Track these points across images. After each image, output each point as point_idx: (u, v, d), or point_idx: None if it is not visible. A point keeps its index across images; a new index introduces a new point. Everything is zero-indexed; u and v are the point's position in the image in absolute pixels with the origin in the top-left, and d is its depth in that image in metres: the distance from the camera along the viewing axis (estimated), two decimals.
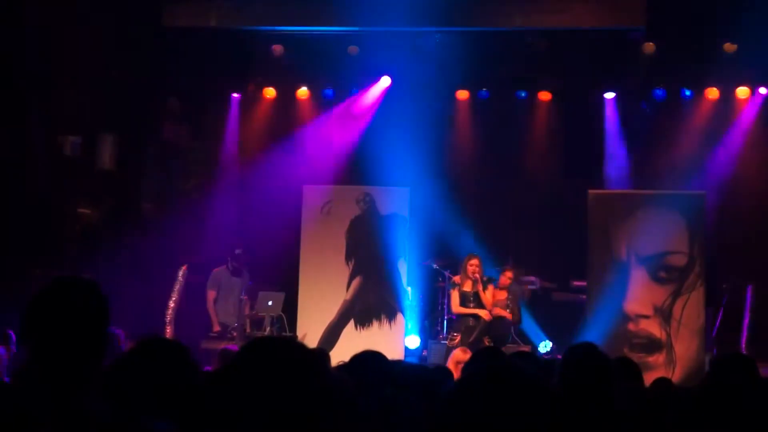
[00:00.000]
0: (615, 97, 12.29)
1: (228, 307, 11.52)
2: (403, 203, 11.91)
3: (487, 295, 10.93)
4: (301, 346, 2.16)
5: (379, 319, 11.78)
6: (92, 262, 10.59)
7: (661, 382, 5.47)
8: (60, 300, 2.54)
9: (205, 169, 12.78)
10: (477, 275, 10.89)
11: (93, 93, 10.84)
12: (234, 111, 12.69)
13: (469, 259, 10.97)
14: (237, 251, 11.53)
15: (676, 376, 10.44)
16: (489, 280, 11.04)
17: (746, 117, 12.08)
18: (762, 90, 11.98)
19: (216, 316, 11.54)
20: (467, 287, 10.94)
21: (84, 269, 9.89)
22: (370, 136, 12.76)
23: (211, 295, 11.60)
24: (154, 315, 11.17)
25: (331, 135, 12.78)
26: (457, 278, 11.09)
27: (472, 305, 10.90)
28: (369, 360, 4.17)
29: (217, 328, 11.42)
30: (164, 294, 11.25)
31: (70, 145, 10.95)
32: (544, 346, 11.34)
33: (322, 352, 5.29)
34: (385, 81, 12.59)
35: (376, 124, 12.77)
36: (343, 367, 4.20)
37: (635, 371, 5.22)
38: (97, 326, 2.56)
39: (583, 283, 11.60)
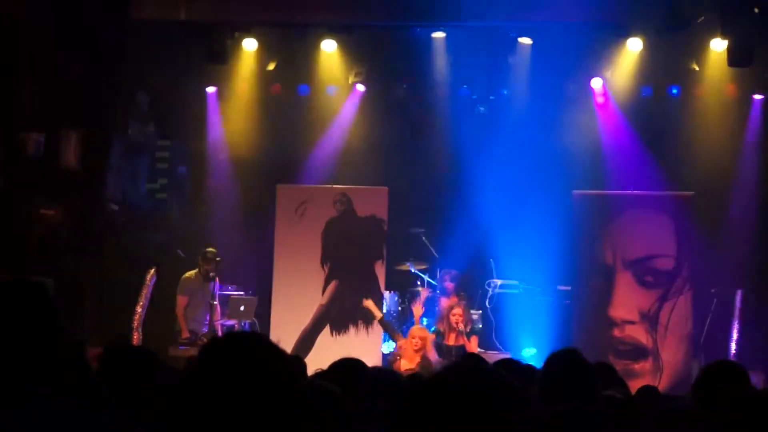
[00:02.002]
0: (599, 94, 12.34)
1: (199, 314, 11.44)
2: (382, 204, 11.93)
3: (473, 345, 10.45)
4: (268, 342, 2.15)
5: (355, 324, 11.80)
6: (55, 265, 10.54)
7: (647, 390, 5.51)
8: (8, 304, 2.54)
9: (173, 168, 12.73)
10: (461, 324, 10.39)
11: (56, 89, 10.78)
12: (204, 108, 12.65)
13: (452, 309, 10.45)
14: (209, 255, 11.34)
15: (662, 383, 10.53)
16: (472, 331, 10.70)
17: (735, 115, 12.17)
18: (757, 96, 12.06)
19: (185, 322, 11.41)
20: (451, 341, 10.40)
21: (46, 272, 9.84)
22: (347, 134, 12.78)
23: (182, 301, 11.39)
24: (120, 320, 11.12)
25: (306, 132, 12.76)
26: (440, 326, 10.54)
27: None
28: (348, 368, 4.21)
29: (186, 334, 11.33)
30: (131, 299, 11.19)
31: (32, 144, 10.87)
32: (528, 352, 11.40)
33: (297, 360, 5.32)
34: (360, 87, 12.60)
35: (353, 121, 12.78)
36: (321, 374, 4.23)
37: (613, 376, 5.26)
38: (42, 330, 2.55)
39: (568, 288, 11.66)
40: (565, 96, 12.36)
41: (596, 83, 12.21)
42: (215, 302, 11.26)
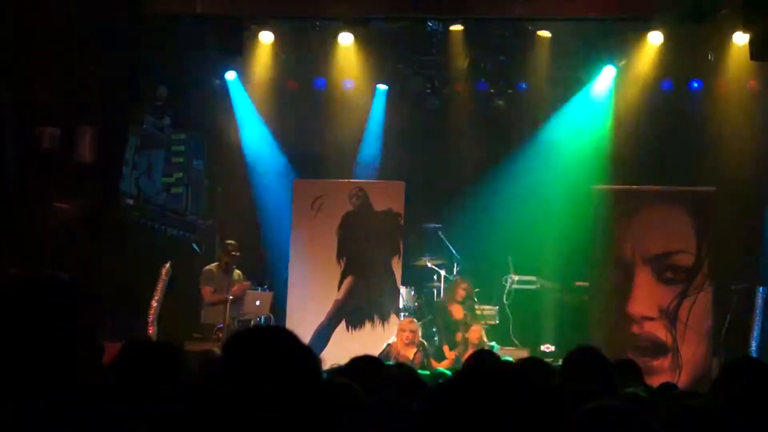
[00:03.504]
0: (618, 88, 12.33)
1: (216, 307, 11.52)
2: (398, 198, 11.97)
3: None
4: (292, 337, 2.18)
5: (371, 320, 11.86)
6: (69, 259, 10.63)
7: (666, 387, 5.57)
8: (29, 300, 2.56)
9: (188, 162, 12.81)
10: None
11: (71, 83, 10.86)
12: (219, 101, 12.72)
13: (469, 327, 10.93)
14: (230, 248, 11.44)
15: (681, 380, 10.55)
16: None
17: (758, 110, 12.15)
18: None
19: (206, 314, 11.46)
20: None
21: (60, 267, 9.94)
22: (364, 128, 12.83)
23: (207, 290, 11.43)
24: (137, 314, 11.22)
25: (323, 126, 12.82)
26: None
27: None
28: (366, 365, 4.27)
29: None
30: (147, 293, 11.29)
31: (48, 138, 10.97)
32: (546, 349, 11.43)
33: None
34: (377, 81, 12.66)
35: (371, 114, 12.83)
36: (339, 371, 4.30)
37: (636, 374, 5.31)
38: (69, 326, 2.58)
39: (586, 284, 11.69)
40: (585, 89, 12.37)
41: (616, 77, 12.20)
42: (230, 296, 11.33)
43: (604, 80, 12.25)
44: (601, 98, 12.33)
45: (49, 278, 2.67)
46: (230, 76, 12.53)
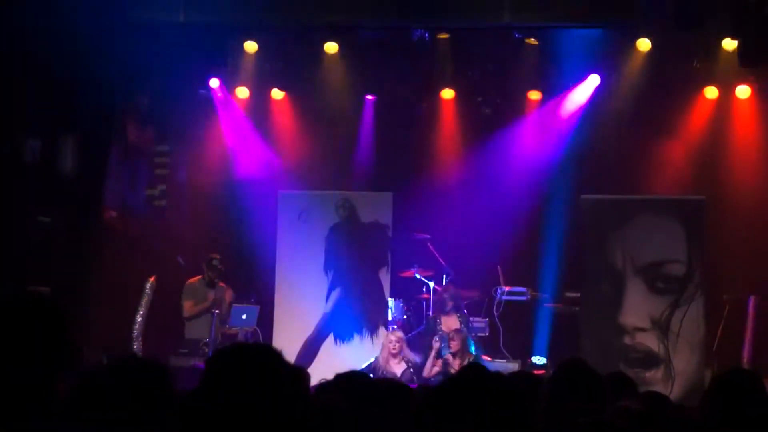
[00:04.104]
0: (605, 96, 12.33)
1: (201, 321, 11.49)
2: (386, 209, 11.96)
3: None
4: (275, 353, 2.16)
5: (360, 332, 11.84)
6: (51, 273, 10.57)
7: (656, 399, 5.52)
8: (10, 317, 2.54)
9: (172, 173, 12.76)
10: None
11: (53, 93, 10.81)
12: (204, 112, 12.67)
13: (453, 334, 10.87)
14: (215, 262, 11.45)
15: (674, 392, 10.53)
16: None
17: (748, 117, 12.18)
18: None
19: (189, 329, 11.47)
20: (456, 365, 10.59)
21: (42, 281, 9.88)
22: (350, 138, 12.79)
23: (188, 305, 11.50)
24: (120, 330, 11.15)
25: (308, 137, 12.78)
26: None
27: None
28: (353, 380, 4.23)
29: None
30: (130, 307, 11.23)
31: (28, 149, 10.90)
32: (538, 361, 11.41)
33: (301, 371, 5.35)
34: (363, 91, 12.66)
35: (357, 124, 12.80)
36: (326, 386, 4.27)
37: (630, 387, 5.27)
38: (53, 343, 2.56)
39: (577, 294, 11.67)
40: (572, 97, 12.38)
41: (603, 84, 12.21)
42: (216, 310, 11.29)
43: (590, 88, 12.25)
44: (588, 106, 12.33)
45: (31, 296, 2.65)
46: (214, 85, 12.47)
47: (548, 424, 3.50)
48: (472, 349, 10.92)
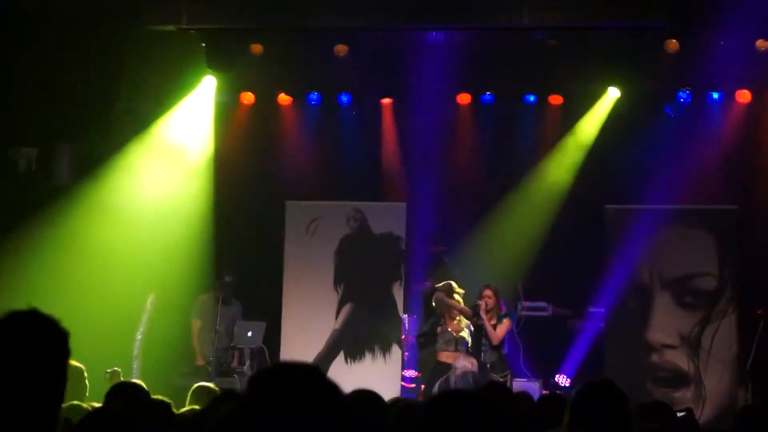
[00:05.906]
0: (634, 101, 12.19)
1: (209, 337, 11.45)
2: (399, 220, 11.89)
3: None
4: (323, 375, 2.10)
5: (372, 351, 11.78)
6: None
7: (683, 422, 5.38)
8: (14, 336, 2.47)
9: (173, 183, 12.66)
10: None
11: (49, 101, 10.81)
12: (207, 118, 12.58)
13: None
14: (227, 278, 11.45)
15: (705, 413, 10.43)
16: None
17: None
18: None
19: (199, 347, 11.48)
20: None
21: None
22: (361, 146, 12.69)
23: (196, 324, 11.55)
24: (121, 347, 11.09)
25: (317, 143, 12.69)
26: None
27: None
28: (364, 400, 4.11)
29: (201, 361, 11.40)
30: (130, 324, 11.14)
31: (24, 159, 10.93)
32: (562, 380, 11.25)
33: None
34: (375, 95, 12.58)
35: (367, 131, 12.69)
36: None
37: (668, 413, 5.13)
38: (56, 364, 2.50)
39: (601, 310, 11.53)
40: (595, 103, 12.24)
41: (627, 88, 12.06)
42: (219, 327, 11.21)
43: (612, 92, 12.10)
44: (613, 112, 12.17)
45: (35, 314, 2.55)
46: (218, 91, 12.39)
47: None
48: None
